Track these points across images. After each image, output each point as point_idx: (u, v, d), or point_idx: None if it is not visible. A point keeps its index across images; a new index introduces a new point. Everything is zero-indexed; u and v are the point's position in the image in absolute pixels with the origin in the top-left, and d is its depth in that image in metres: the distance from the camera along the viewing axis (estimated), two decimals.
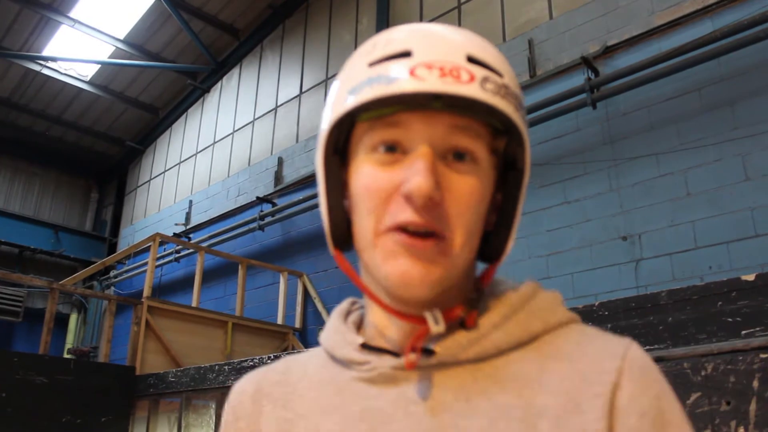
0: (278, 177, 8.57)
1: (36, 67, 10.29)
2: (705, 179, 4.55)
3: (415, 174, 0.61)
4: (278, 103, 9.17)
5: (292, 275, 7.59)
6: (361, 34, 8.11)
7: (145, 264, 9.16)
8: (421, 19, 7.28)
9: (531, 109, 5.56)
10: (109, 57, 10.24)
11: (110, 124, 12.08)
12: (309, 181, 7.99)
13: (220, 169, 9.93)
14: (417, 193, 0.60)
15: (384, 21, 7.58)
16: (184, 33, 9.65)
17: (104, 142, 12.52)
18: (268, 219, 8.32)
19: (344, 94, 0.66)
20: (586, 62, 5.32)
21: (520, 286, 0.73)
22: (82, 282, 10.92)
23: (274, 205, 8.36)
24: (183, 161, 11.00)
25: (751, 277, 1.96)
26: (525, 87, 5.83)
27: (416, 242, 0.62)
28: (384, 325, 0.72)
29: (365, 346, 0.72)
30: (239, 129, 9.83)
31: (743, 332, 1.91)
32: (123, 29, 9.75)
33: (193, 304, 6.95)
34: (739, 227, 4.32)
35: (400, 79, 0.61)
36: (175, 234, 9.78)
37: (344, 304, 0.83)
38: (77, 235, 12.39)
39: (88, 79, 10.84)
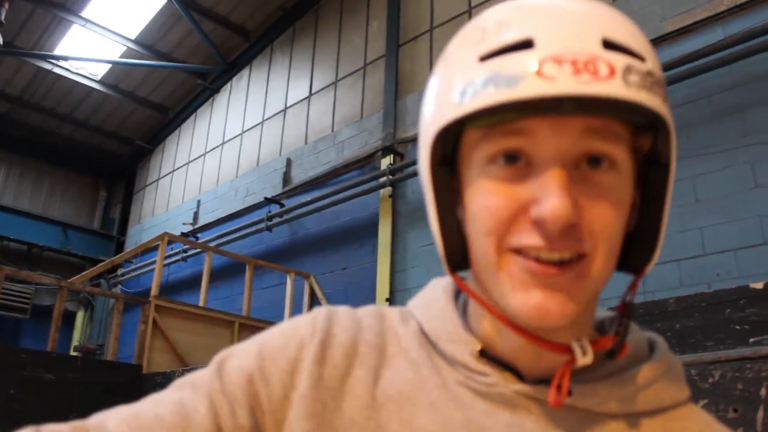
0: (286, 178, 8.59)
1: (47, 66, 10.35)
2: (714, 186, 4.54)
3: (547, 195, 0.52)
4: (287, 105, 9.20)
5: (299, 276, 7.60)
6: (371, 37, 8.12)
7: (153, 263, 9.20)
8: (431, 23, 7.29)
9: None
10: (120, 56, 10.28)
11: (120, 123, 12.13)
12: (317, 182, 8.00)
13: (229, 169, 9.96)
14: (551, 218, 0.51)
15: (394, 24, 7.58)
16: (194, 33, 9.68)
17: (113, 141, 12.57)
18: (276, 220, 8.33)
19: (452, 94, 0.55)
20: None
21: (652, 342, 0.68)
22: (90, 280, 10.96)
23: (282, 205, 8.38)
24: (191, 161, 11.03)
25: (759, 285, 1.95)
26: None
27: (549, 271, 0.54)
28: (496, 333, 0.63)
29: (483, 354, 0.62)
30: (248, 130, 9.85)
31: (751, 340, 1.90)
32: (134, 29, 9.80)
33: (200, 304, 6.97)
34: (747, 234, 4.30)
35: (525, 80, 0.50)
36: (182, 233, 9.81)
37: (452, 282, 0.70)
38: (85, 234, 12.43)
39: (98, 78, 10.89)
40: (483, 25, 0.56)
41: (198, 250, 9.15)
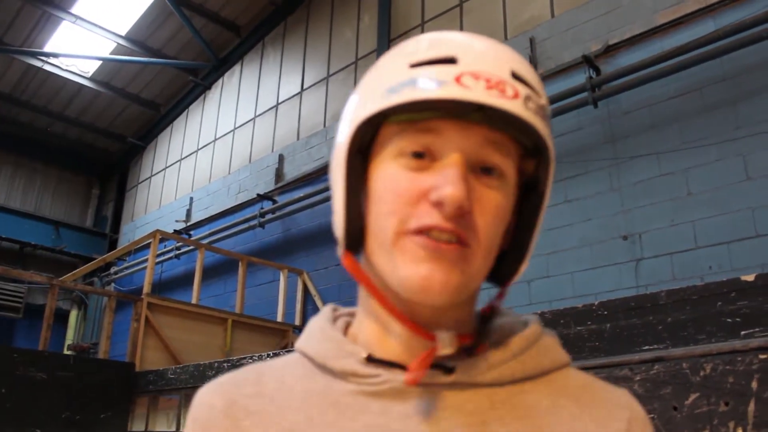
0: (279, 174, 8.57)
1: (38, 63, 10.29)
2: (706, 179, 4.54)
3: (447, 182, 0.60)
4: (279, 101, 9.17)
5: (292, 273, 7.59)
6: (363, 31, 8.09)
7: (146, 261, 9.16)
8: (422, 17, 7.27)
9: None
10: (111, 53, 10.23)
11: (111, 120, 12.08)
12: (310, 178, 7.98)
13: (221, 166, 9.93)
14: (449, 200, 0.59)
15: (386, 19, 7.56)
16: (185, 29, 9.64)
17: (105, 139, 12.52)
18: (269, 216, 8.32)
19: (380, 90, 0.63)
20: (588, 61, 5.30)
21: (526, 320, 0.74)
22: (83, 278, 10.92)
23: (274, 202, 8.36)
24: (184, 158, 10.99)
25: (750, 278, 1.95)
26: None
27: (440, 246, 0.60)
28: (380, 337, 0.69)
29: (371, 359, 0.67)
30: (240, 126, 9.82)
31: (742, 333, 1.90)
32: (125, 26, 9.75)
33: (193, 301, 6.94)
34: (739, 227, 4.31)
35: (446, 85, 0.59)
36: (175, 231, 9.78)
37: (326, 311, 0.78)
38: (78, 232, 12.39)
39: (89, 75, 10.83)
40: (416, 43, 0.66)
41: (191, 247, 9.12)
